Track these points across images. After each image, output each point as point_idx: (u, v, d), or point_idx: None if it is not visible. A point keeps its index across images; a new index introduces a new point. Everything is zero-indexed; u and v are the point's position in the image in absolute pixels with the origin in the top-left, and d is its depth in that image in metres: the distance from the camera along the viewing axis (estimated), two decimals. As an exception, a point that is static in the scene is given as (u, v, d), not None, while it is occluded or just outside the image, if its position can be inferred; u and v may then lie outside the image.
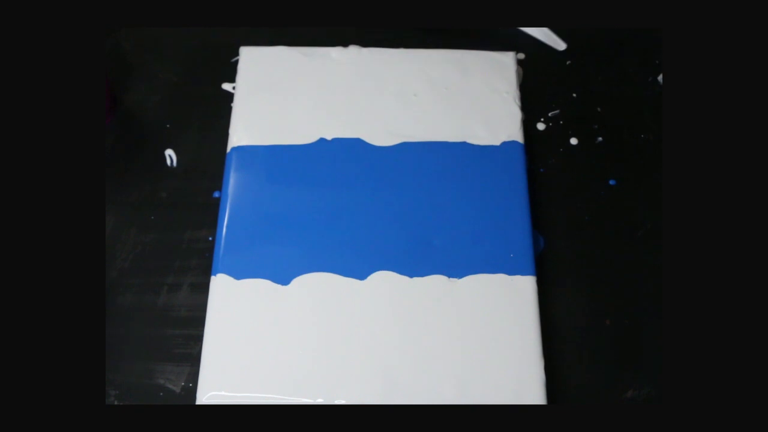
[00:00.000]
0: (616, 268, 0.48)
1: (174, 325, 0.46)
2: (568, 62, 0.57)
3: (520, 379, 0.40)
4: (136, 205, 0.50)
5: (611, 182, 0.51)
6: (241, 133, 0.48)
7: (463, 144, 0.48)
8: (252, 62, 0.51)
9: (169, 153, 0.53)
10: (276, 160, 0.47)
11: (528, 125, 0.54)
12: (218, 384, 0.41)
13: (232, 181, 0.46)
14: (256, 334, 0.42)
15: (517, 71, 0.51)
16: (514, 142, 0.48)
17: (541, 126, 0.54)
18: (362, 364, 0.41)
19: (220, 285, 0.44)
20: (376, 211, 0.45)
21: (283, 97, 0.49)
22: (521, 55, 0.57)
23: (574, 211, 0.50)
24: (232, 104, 0.50)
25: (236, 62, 0.55)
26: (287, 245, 0.44)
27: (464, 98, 0.49)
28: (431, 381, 0.41)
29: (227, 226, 0.45)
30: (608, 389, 0.45)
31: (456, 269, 0.43)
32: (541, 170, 0.52)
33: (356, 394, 0.40)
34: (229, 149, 0.48)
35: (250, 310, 0.43)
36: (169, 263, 0.48)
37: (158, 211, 0.50)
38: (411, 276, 0.43)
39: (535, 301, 0.43)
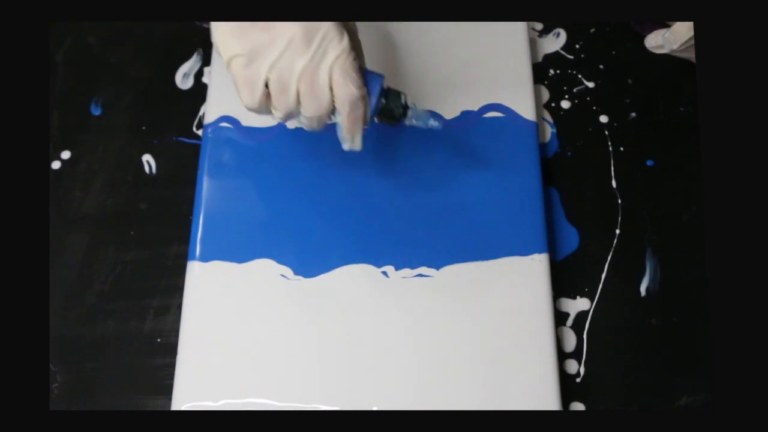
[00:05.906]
0: (660, 260, 0.47)
1: (164, 353, 0.45)
2: (591, 30, 0.55)
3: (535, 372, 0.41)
4: (113, 220, 0.50)
5: (649, 163, 0.50)
6: (218, 109, 0.48)
7: (469, 121, 0.48)
8: None
9: (147, 159, 0.52)
10: (257, 141, 0.48)
11: (550, 104, 0.53)
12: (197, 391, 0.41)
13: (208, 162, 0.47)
14: (242, 332, 0.42)
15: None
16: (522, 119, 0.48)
17: (565, 104, 0.53)
18: (378, 370, 0.42)
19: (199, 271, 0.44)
20: (382, 201, 0.45)
21: None
22: (539, 25, 0.55)
23: (608, 198, 0.49)
24: (207, 80, 0.52)
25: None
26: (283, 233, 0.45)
27: (471, 71, 0.49)
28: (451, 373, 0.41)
29: (204, 211, 0.46)
30: (653, 394, 0.44)
31: (470, 255, 0.44)
32: (569, 154, 0.51)
33: (365, 401, 0.41)
34: (204, 125, 0.49)
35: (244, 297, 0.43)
36: (154, 283, 0.47)
37: (138, 225, 0.49)
38: (396, 268, 0.44)
39: (548, 279, 0.43)
